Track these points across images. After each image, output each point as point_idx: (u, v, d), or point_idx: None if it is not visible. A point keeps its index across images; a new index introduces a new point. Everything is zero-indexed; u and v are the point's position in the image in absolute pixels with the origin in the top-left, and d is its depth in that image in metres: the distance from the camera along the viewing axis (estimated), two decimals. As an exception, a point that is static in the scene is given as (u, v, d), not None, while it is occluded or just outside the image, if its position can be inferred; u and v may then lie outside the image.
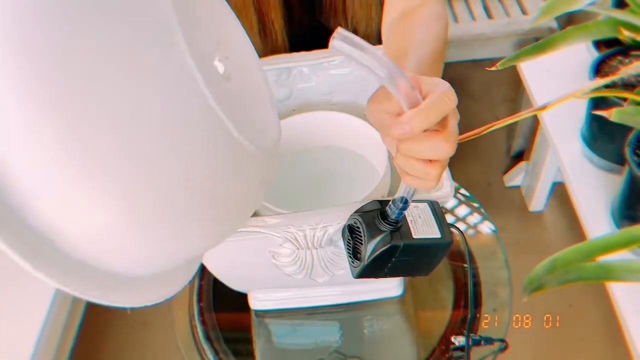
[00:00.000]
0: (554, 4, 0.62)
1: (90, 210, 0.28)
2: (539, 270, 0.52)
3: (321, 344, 0.66)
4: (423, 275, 0.45)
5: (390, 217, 0.41)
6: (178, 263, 0.37)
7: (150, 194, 0.29)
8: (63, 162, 0.27)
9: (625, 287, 0.74)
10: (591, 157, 0.93)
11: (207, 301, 0.73)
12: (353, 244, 0.43)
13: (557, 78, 1.09)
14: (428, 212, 0.44)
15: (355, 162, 0.68)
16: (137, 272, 0.33)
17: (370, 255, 0.40)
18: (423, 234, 0.42)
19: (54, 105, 0.26)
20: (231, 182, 0.34)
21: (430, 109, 0.33)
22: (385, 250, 0.40)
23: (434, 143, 0.35)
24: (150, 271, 0.35)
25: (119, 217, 0.29)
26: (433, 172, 0.36)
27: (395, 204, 0.40)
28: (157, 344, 1.32)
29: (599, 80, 0.52)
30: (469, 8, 1.55)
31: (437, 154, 0.35)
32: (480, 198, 0.82)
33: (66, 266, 0.29)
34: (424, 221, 0.43)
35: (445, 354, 0.64)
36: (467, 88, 1.87)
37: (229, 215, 0.37)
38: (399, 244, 0.40)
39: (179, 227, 0.32)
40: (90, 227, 0.29)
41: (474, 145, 1.66)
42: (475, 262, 0.73)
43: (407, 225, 0.42)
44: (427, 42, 0.56)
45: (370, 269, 0.41)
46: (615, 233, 0.53)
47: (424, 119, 0.33)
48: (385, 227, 0.41)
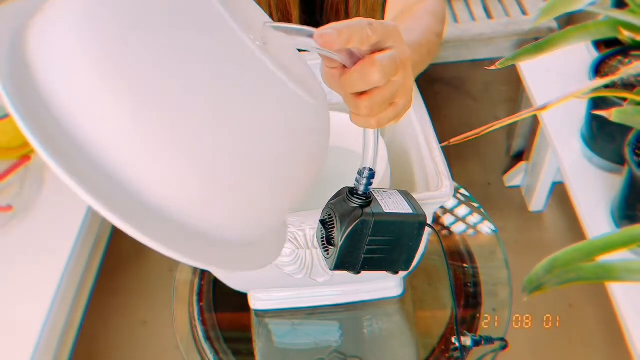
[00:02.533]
0: (554, 5, 0.62)
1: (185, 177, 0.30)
2: (538, 270, 0.52)
3: (321, 344, 0.66)
4: (404, 269, 0.43)
5: (358, 191, 0.40)
6: (268, 228, 0.38)
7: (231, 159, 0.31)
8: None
9: (625, 287, 0.74)
10: (591, 157, 0.93)
11: (207, 301, 0.73)
12: (327, 235, 0.42)
13: (557, 78, 1.09)
14: (397, 195, 0.44)
15: (355, 162, 0.68)
16: (234, 236, 0.35)
17: (343, 234, 0.39)
18: (394, 209, 0.41)
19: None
20: (301, 136, 0.36)
21: (344, 28, 0.33)
22: (357, 225, 0.39)
23: (358, 69, 0.35)
24: (245, 237, 0.37)
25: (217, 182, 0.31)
26: (361, 104, 0.36)
27: (362, 175, 0.40)
28: (157, 344, 1.32)
29: (599, 80, 0.52)
30: (468, 8, 1.55)
31: (364, 80, 0.35)
32: (480, 198, 0.82)
33: (171, 231, 0.31)
34: (394, 201, 0.42)
35: (445, 353, 0.64)
36: (467, 88, 1.87)
37: (305, 168, 0.38)
38: (370, 216, 0.39)
39: (267, 184, 0.34)
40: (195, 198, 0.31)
41: (474, 145, 1.66)
42: (475, 262, 0.73)
43: (378, 202, 0.41)
44: (415, 30, 0.57)
45: (345, 255, 0.40)
46: (615, 233, 0.53)
47: (335, 32, 0.33)
48: (355, 202, 0.40)
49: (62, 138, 0.29)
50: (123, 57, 0.29)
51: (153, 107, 0.29)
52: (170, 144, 0.30)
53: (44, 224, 0.92)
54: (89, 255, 0.99)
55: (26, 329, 0.78)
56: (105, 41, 0.29)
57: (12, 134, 1.01)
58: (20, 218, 0.92)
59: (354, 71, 0.35)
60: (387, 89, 0.36)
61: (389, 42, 0.36)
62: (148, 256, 1.49)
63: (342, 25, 0.34)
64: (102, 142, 0.29)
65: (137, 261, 1.49)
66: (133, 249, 1.51)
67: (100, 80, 0.29)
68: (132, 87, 0.29)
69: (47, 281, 0.83)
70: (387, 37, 0.36)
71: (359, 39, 0.34)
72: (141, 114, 0.29)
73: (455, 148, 1.21)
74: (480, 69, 1.89)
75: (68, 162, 0.28)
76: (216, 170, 0.31)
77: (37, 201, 0.95)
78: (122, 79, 0.29)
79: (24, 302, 0.81)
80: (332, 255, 0.41)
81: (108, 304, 1.42)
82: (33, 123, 0.27)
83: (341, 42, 0.33)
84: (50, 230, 0.91)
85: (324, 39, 0.33)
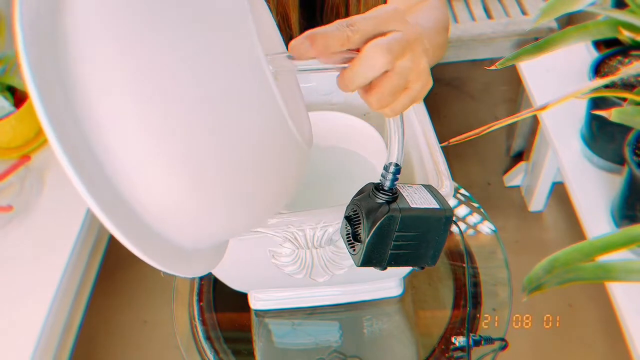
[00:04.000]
0: (554, 5, 0.62)
1: (168, 186, 0.31)
2: (538, 270, 0.52)
3: (321, 344, 0.66)
4: (430, 264, 0.43)
5: (384, 187, 0.40)
6: (219, 241, 0.39)
7: (218, 170, 0.32)
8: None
9: (625, 287, 0.74)
10: (591, 157, 0.93)
11: (207, 301, 0.73)
12: (353, 232, 0.42)
13: (557, 78, 1.09)
14: (423, 189, 0.43)
15: (355, 162, 0.68)
16: (194, 246, 0.37)
17: (370, 230, 0.39)
18: (421, 205, 0.41)
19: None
20: (281, 167, 0.36)
21: (318, 35, 0.33)
22: (384, 221, 0.39)
23: (355, 62, 0.34)
24: (201, 246, 0.38)
25: (193, 193, 0.32)
26: (370, 99, 0.35)
27: (387, 170, 0.40)
28: (157, 344, 1.32)
29: (599, 80, 0.52)
30: (468, 8, 1.55)
31: (370, 65, 0.33)
32: (480, 198, 0.82)
33: (147, 236, 0.33)
34: (420, 196, 0.42)
35: (445, 353, 0.64)
36: (467, 88, 1.87)
37: (271, 201, 0.39)
38: (397, 212, 0.39)
39: (235, 206, 0.35)
40: (168, 202, 0.32)
41: (474, 145, 1.66)
42: (475, 262, 0.73)
43: (404, 198, 0.41)
44: (430, 19, 0.56)
45: (372, 250, 0.40)
46: (615, 233, 0.53)
47: (307, 42, 0.32)
48: (382, 198, 0.40)
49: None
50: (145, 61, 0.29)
51: (160, 108, 0.29)
52: (165, 145, 0.30)
53: (44, 224, 0.92)
54: (89, 255, 0.99)
55: (26, 329, 0.78)
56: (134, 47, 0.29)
57: (12, 134, 1.01)
58: (20, 218, 0.92)
59: (352, 65, 0.34)
60: (394, 78, 0.35)
61: (390, 26, 0.35)
62: (148, 256, 1.49)
63: (316, 31, 0.33)
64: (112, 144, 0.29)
65: (137, 261, 1.48)
66: (133, 249, 1.50)
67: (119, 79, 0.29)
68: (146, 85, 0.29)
69: (47, 281, 0.83)
70: (383, 23, 0.34)
71: (338, 42, 0.33)
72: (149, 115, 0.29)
73: (455, 148, 1.22)
74: (480, 69, 1.89)
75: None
76: (203, 178, 0.31)
77: (37, 201, 0.95)
78: (141, 77, 0.29)
79: (24, 302, 0.81)
80: (359, 252, 0.41)
81: (108, 303, 1.42)
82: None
83: (318, 49, 0.32)
84: (50, 230, 0.91)
85: (296, 51, 0.33)
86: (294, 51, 0.33)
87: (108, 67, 0.29)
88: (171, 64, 0.30)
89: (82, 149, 0.29)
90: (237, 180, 0.33)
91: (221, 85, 0.31)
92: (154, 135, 0.30)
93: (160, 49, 0.30)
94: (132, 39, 0.29)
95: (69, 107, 0.29)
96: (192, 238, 0.35)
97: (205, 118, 0.30)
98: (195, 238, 0.36)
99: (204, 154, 0.31)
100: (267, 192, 0.37)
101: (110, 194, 0.30)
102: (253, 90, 0.32)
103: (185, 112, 0.30)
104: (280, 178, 0.37)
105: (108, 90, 0.29)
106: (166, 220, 0.32)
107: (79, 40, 0.29)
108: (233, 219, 0.36)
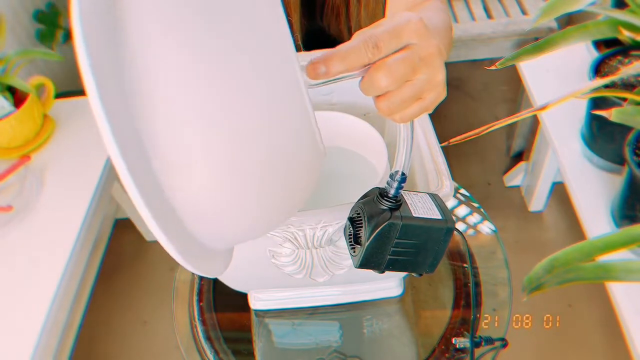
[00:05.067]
0: (554, 5, 0.62)
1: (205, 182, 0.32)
2: (538, 270, 0.52)
3: (321, 344, 0.66)
4: (428, 272, 0.44)
5: (389, 194, 0.40)
6: (239, 242, 0.40)
7: (255, 169, 0.33)
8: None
9: (625, 287, 0.74)
10: (591, 157, 0.93)
11: (207, 301, 0.73)
12: (354, 233, 0.42)
13: (557, 78, 1.09)
14: (428, 199, 0.44)
15: (355, 162, 0.68)
16: (218, 246, 0.37)
17: (370, 235, 0.40)
18: (423, 214, 0.41)
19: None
20: (303, 171, 0.37)
21: (337, 60, 0.33)
22: (385, 227, 0.39)
23: (367, 76, 0.35)
24: (224, 246, 0.38)
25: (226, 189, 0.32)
26: (380, 106, 0.36)
27: (393, 178, 0.40)
28: (157, 344, 1.32)
29: (599, 80, 0.52)
30: (468, 8, 1.55)
31: (374, 87, 0.35)
32: (480, 198, 0.82)
33: (180, 232, 0.33)
34: (424, 205, 0.42)
35: (445, 353, 0.64)
36: (467, 88, 1.87)
37: (289, 206, 0.39)
38: (399, 219, 0.39)
39: (264, 206, 0.35)
40: (207, 198, 0.32)
41: (474, 145, 1.66)
42: (475, 262, 0.73)
43: (407, 206, 0.41)
44: (436, 18, 0.56)
45: (371, 254, 0.41)
46: (615, 233, 0.53)
47: (325, 67, 0.33)
48: (385, 205, 0.40)
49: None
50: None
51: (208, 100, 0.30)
52: (213, 141, 0.31)
53: (44, 224, 0.92)
54: (89, 255, 0.99)
55: (26, 329, 0.78)
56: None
57: (12, 134, 1.01)
58: (20, 218, 0.92)
59: (365, 78, 0.35)
60: (407, 89, 0.35)
61: (410, 39, 0.35)
62: (148, 256, 1.49)
63: (337, 52, 0.33)
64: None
65: (137, 261, 1.49)
66: (133, 249, 1.51)
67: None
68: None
69: (47, 281, 0.83)
70: (405, 38, 0.35)
71: (358, 64, 0.34)
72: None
73: (455, 148, 1.21)
74: (480, 69, 1.89)
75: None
76: (242, 175, 0.32)
77: (37, 201, 0.95)
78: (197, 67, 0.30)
79: (24, 302, 0.81)
80: (358, 254, 0.41)
81: (108, 304, 1.42)
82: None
83: (334, 72, 0.33)
84: (50, 230, 0.91)
85: (313, 74, 0.34)
86: (311, 74, 0.34)
87: (167, 59, 0.29)
88: (224, 71, 0.30)
89: (132, 141, 0.29)
90: (269, 181, 0.34)
91: (264, 92, 0.32)
92: (204, 133, 0.30)
93: (217, 54, 0.30)
94: (198, 48, 0.30)
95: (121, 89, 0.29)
96: (219, 237, 0.36)
97: (250, 117, 0.31)
98: (222, 237, 0.36)
99: (245, 153, 0.32)
100: (291, 196, 0.37)
101: (152, 187, 0.30)
102: (291, 100, 0.33)
103: (233, 108, 0.31)
104: (302, 183, 0.38)
105: (165, 82, 0.29)
106: (200, 217, 0.33)
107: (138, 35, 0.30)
108: (258, 219, 0.36)
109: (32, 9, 1.41)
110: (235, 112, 0.31)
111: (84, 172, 1.00)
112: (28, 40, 1.40)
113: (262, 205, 0.35)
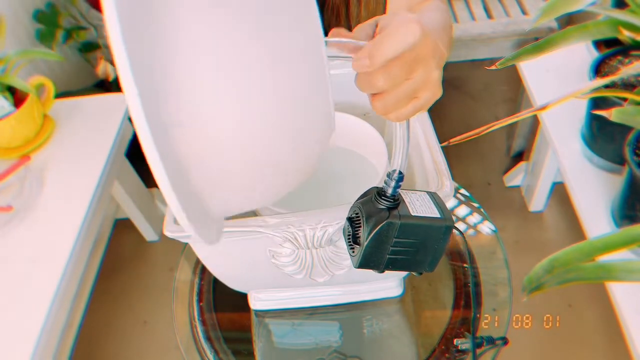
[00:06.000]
0: (554, 5, 0.62)
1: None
2: (538, 270, 0.52)
3: (321, 344, 0.66)
4: (428, 271, 0.44)
5: (387, 193, 0.40)
6: (244, 210, 0.40)
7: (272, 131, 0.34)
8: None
9: (625, 287, 0.74)
10: (591, 157, 0.93)
11: (207, 301, 0.73)
12: (353, 234, 0.42)
13: (557, 78, 1.09)
14: (427, 197, 0.44)
15: (355, 162, 0.68)
16: (218, 210, 0.37)
17: (369, 234, 0.40)
18: (422, 213, 0.41)
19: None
20: (312, 141, 0.38)
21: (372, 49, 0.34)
22: (384, 227, 0.39)
23: (362, 74, 0.35)
24: (224, 211, 0.39)
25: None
26: (375, 104, 0.36)
27: (390, 177, 0.40)
28: (157, 344, 1.32)
29: (599, 80, 0.52)
30: (469, 8, 1.55)
31: (369, 86, 0.35)
32: (480, 198, 0.82)
33: (187, 193, 0.33)
34: (422, 204, 0.42)
35: (446, 354, 0.64)
36: (467, 88, 1.87)
37: (293, 172, 0.40)
38: (397, 219, 0.39)
39: (275, 173, 0.36)
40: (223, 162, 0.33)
41: (474, 145, 1.66)
42: (475, 262, 0.73)
43: (405, 205, 0.41)
44: (436, 17, 0.56)
45: (370, 254, 0.41)
46: (615, 233, 0.53)
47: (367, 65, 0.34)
48: (383, 204, 0.40)
49: None
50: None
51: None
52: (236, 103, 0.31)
53: (44, 224, 0.92)
54: (89, 255, 0.99)
55: (26, 329, 0.78)
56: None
57: (12, 134, 1.01)
58: (20, 218, 0.92)
59: (362, 76, 0.35)
60: (402, 89, 0.35)
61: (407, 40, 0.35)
62: (148, 256, 1.49)
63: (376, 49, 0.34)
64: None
65: (137, 261, 1.49)
66: (133, 249, 1.51)
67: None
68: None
69: (47, 281, 0.83)
70: (401, 42, 0.35)
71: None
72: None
73: (455, 148, 1.21)
74: (480, 69, 1.89)
75: None
76: (253, 132, 0.33)
77: (37, 201, 0.95)
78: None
79: (24, 302, 0.81)
80: (357, 254, 0.41)
81: (108, 304, 1.42)
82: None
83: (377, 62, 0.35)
84: (50, 230, 0.91)
85: (359, 67, 0.35)
86: (357, 67, 0.35)
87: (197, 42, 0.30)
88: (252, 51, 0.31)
89: (153, 101, 0.29)
90: (280, 141, 0.34)
91: (292, 64, 0.33)
92: (228, 99, 0.31)
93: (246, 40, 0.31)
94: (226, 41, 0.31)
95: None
96: (222, 200, 0.36)
97: (272, 83, 0.32)
98: (225, 201, 0.36)
99: (258, 111, 0.32)
100: (297, 161, 0.38)
101: (165, 142, 0.30)
102: (313, 70, 0.35)
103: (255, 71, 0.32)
104: (310, 151, 0.38)
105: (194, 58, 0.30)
106: (208, 175, 0.33)
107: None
108: (264, 182, 0.37)
109: (32, 9, 1.41)
110: (254, 70, 0.31)
111: (84, 172, 1.00)
112: (28, 40, 1.40)
113: (269, 166, 0.35)
